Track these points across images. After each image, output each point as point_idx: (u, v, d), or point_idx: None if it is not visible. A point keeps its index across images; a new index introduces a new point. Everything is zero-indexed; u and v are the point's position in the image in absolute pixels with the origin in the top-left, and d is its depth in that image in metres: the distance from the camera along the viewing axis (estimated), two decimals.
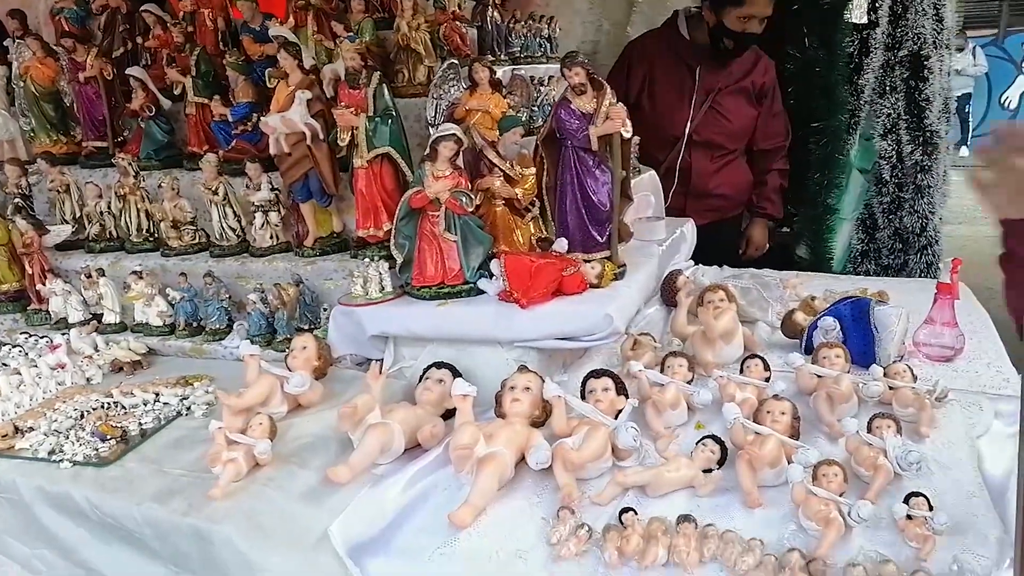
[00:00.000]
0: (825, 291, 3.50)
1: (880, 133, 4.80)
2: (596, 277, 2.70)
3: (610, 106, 2.67)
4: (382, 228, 3.03)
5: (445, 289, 2.78)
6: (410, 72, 3.54)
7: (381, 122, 2.93)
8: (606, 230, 2.80)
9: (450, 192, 2.71)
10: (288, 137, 3.07)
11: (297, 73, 3.09)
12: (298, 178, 3.14)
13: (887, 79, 4.69)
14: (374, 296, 2.83)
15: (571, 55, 2.64)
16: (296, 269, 3.14)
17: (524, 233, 3.01)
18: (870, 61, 4.61)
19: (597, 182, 2.76)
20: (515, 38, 3.80)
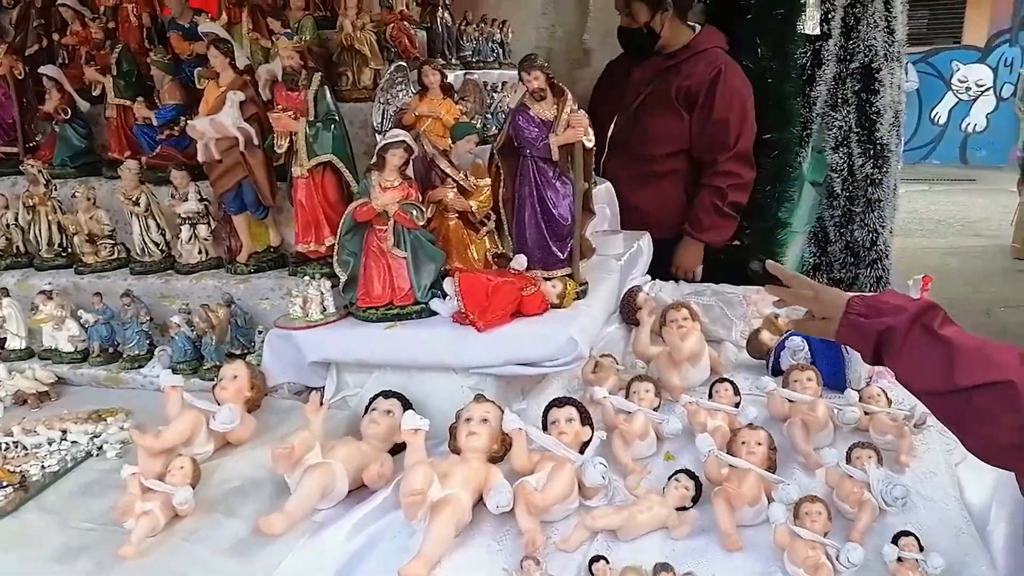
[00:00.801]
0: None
1: (832, 146, 4.77)
2: (558, 297, 2.51)
3: (571, 113, 2.49)
4: (324, 243, 2.78)
5: (394, 310, 2.55)
6: (354, 75, 3.31)
7: (323, 127, 2.69)
8: (567, 246, 2.62)
9: (399, 204, 2.49)
10: (219, 143, 2.80)
11: (229, 72, 2.82)
12: (230, 188, 2.87)
13: (839, 91, 4.67)
14: (315, 318, 2.58)
15: (530, 58, 2.46)
16: (227, 288, 2.86)
17: (479, 249, 2.80)
18: (823, 73, 4.58)
19: (558, 194, 2.58)
20: (467, 41, 3.61)
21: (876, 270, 4.83)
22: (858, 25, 4.56)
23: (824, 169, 4.88)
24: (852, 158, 4.73)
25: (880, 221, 4.78)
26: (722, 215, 3.82)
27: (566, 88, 2.57)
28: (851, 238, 4.86)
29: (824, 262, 4.97)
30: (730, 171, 3.77)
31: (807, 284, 2.02)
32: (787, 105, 4.56)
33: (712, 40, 4.09)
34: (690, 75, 3.78)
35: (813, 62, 4.57)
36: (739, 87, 3.75)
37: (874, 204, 4.78)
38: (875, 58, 4.61)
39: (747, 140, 3.78)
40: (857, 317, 1.77)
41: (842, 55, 4.62)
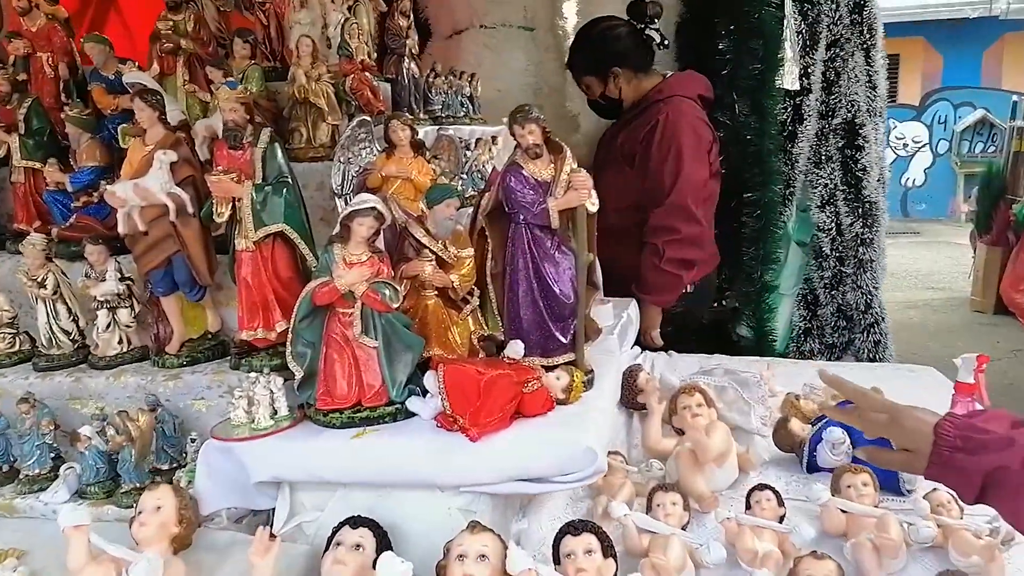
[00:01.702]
0: (805, 386, 3.02)
1: (817, 204, 4.52)
2: (563, 391, 2.08)
3: (572, 173, 2.10)
4: (274, 329, 2.31)
5: (362, 413, 2.08)
6: (309, 131, 2.90)
7: (272, 192, 2.24)
8: (570, 327, 2.20)
9: (368, 283, 2.04)
10: (144, 211, 2.32)
11: (158, 128, 2.36)
12: (158, 264, 2.38)
13: (822, 148, 4.44)
14: (263, 425, 2.08)
15: (524, 110, 2.08)
16: (153, 386, 2.34)
17: (462, 331, 2.36)
18: (804, 129, 4.35)
19: (558, 268, 2.17)
20: (435, 95, 3.23)
21: (874, 334, 4.54)
22: (839, 79, 4.37)
23: (810, 228, 4.62)
24: (840, 217, 4.48)
25: (873, 282, 4.52)
26: (662, 274, 3.46)
27: (564, 145, 2.18)
28: (843, 301, 4.58)
29: (815, 326, 4.66)
30: (664, 225, 3.41)
31: (879, 404, 1.62)
32: (768, 162, 4.31)
33: (675, 88, 3.80)
34: (634, 128, 3.55)
35: (794, 118, 4.34)
36: (676, 134, 3.42)
37: (866, 265, 4.52)
38: (858, 113, 4.41)
39: (684, 191, 3.41)
40: (954, 453, 1.39)
41: (824, 110, 4.41)
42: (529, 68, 4.64)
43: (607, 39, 3.63)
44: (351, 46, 2.92)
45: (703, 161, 3.62)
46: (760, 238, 4.34)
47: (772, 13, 4.14)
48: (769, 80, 4.19)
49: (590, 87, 3.72)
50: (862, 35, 4.40)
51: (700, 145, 3.63)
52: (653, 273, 3.54)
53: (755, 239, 4.34)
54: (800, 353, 4.75)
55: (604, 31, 3.68)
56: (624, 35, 3.63)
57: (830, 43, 4.36)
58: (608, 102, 3.75)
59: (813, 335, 4.71)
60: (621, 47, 3.70)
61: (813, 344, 4.71)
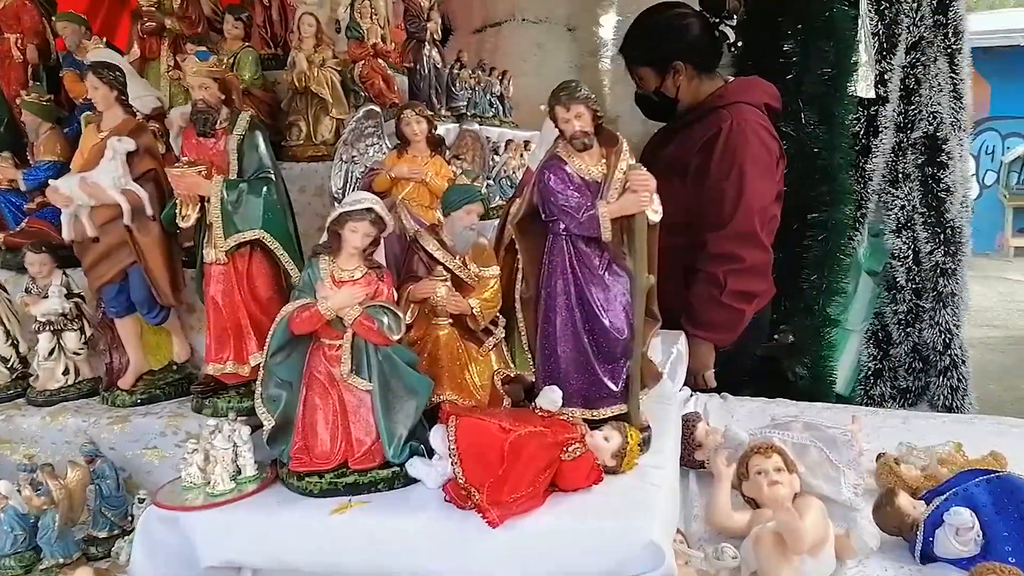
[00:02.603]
0: (901, 445, 2.47)
1: (893, 229, 3.98)
2: (614, 456, 1.57)
3: (629, 171, 1.61)
4: (247, 363, 1.84)
5: (349, 478, 1.60)
6: (310, 126, 2.47)
7: (249, 190, 1.79)
8: (622, 371, 1.70)
9: (363, 308, 1.56)
10: (96, 213, 1.89)
11: (115, 111, 1.93)
12: (111, 278, 1.95)
13: (899, 165, 3.91)
14: (220, 490, 1.61)
15: (569, 87, 1.61)
16: (95, 430, 1.87)
17: (482, 370, 1.88)
18: (879, 143, 3.83)
19: (607, 293, 1.68)
20: (460, 89, 2.76)
21: (950, 379, 3.97)
22: (920, 88, 3.86)
23: (883, 256, 4.07)
24: (917, 243, 3.94)
25: (954, 320, 3.96)
26: (722, 308, 2.93)
27: (619, 135, 1.69)
28: (919, 339, 4.01)
29: (887, 367, 4.10)
30: (726, 253, 2.92)
31: None
32: (837, 180, 3.77)
33: (739, 94, 3.27)
34: (689, 135, 3.08)
35: (867, 130, 3.82)
36: (741, 146, 2.92)
37: (946, 299, 3.96)
38: (941, 126, 3.89)
39: (749, 213, 2.90)
40: None
41: (902, 122, 3.89)
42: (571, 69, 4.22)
43: (675, 28, 3.13)
44: (362, 27, 2.48)
45: (771, 179, 3.10)
46: (824, 265, 3.80)
47: (844, 12, 3.64)
48: (840, 87, 3.68)
49: (644, 79, 3.20)
50: (946, 38, 3.88)
51: (768, 160, 3.10)
52: (711, 307, 2.99)
53: (819, 266, 3.79)
54: (869, 398, 4.18)
55: (674, 18, 3.18)
56: (695, 27, 3.14)
57: (910, 46, 3.85)
58: (661, 100, 3.23)
59: (884, 377, 4.13)
60: (689, 39, 3.20)
61: (884, 388, 4.13)
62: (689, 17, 3.23)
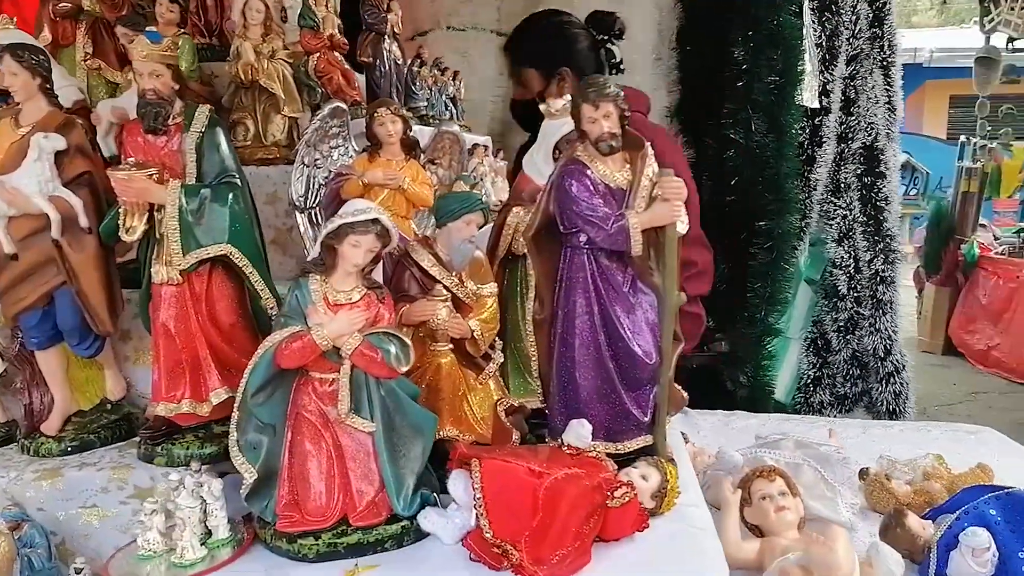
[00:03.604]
0: (881, 458, 2.44)
1: (834, 238, 4.02)
2: (653, 497, 1.40)
3: (659, 177, 1.46)
4: (208, 400, 1.56)
5: (351, 537, 1.36)
6: (258, 125, 2.20)
7: (213, 197, 1.53)
8: (649, 399, 1.54)
9: (363, 336, 1.33)
10: (14, 224, 1.56)
11: (39, 102, 1.61)
12: (33, 303, 1.62)
13: (840, 175, 3.96)
14: (188, 560, 1.33)
15: (598, 82, 1.44)
16: (18, 487, 1.54)
17: (481, 400, 1.68)
18: (823, 153, 3.85)
19: (632, 313, 1.51)
20: (419, 88, 2.54)
21: (893, 385, 4.05)
22: (858, 99, 3.93)
23: (822, 265, 4.12)
24: (858, 252, 4.00)
25: (893, 326, 4.04)
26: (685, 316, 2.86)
27: (644, 138, 1.53)
28: (859, 346, 4.08)
29: (826, 375, 4.15)
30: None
31: None
32: (784, 189, 3.78)
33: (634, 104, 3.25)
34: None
35: (812, 140, 3.84)
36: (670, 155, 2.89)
37: (885, 306, 4.05)
38: (878, 137, 3.99)
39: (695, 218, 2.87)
40: None
41: (843, 132, 3.94)
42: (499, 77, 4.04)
43: (567, 35, 3.00)
44: (316, 15, 2.22)
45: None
46: (769, 275, 3.80)
47: (792, 20, 3.65)
48: (788, 95, 3.69)
49: (527, 83, 3.03)
50: (882, 51, 3.99)
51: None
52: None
53: (764, 275, 3.79)
54: (808, 405, 4.22)
55: (566, 25, 3.05)
56: (584, 39, 3.04)
57: (849, 58, 3.92)
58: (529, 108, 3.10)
59: (823, 385, 4.18)
60: (578, 48, 3.10)
61: (823, 395, 4.19)
62: (578, 28, 3.14)
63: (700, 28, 3.81)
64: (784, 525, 1.87)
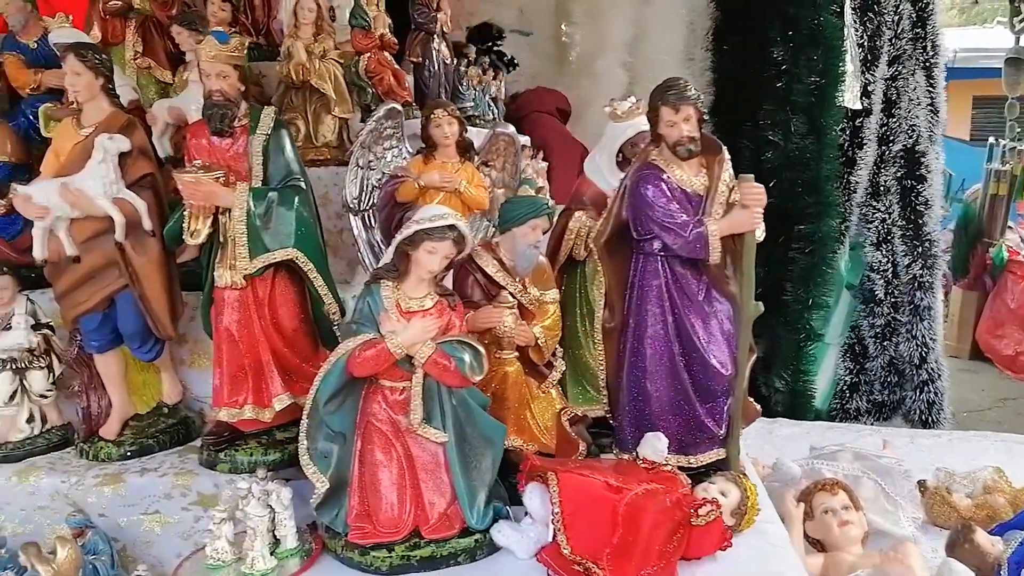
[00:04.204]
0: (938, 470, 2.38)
1: (873, 242, 3.94)
2: (733, 514, 1.36)
3: (738, 182, 1.42)
4: (270, 407, 1.53)
5: (423, 550, 1.32)
6: (309, 126, 2.15)
7: (280, 200, 1.50)
8: (723, 411, 1.49)
9: (436, 344, 1.30)
10: (76, 226, 1.54)
11: (101, 102, 1.59)
12: (94, 306, 1.60)
13: (880, 177, 3.88)
14: (259, 570, 1.30)
15: (678, 84, 1.41)
16: (80, 492, 1.52)
17: (543, 409, 1.65)
18: (864, 155, 3.77)
19: (708, 323, 1.48)
20: (466, 88, 2.51)
21: (927, 393, 3.96)
22: (900, 100, 3.84)
23: (861, 269, 4.03)
24: (896, 256, 3.91)
25: (930, 333, 3.95)
26: None
27: (719, 142, 1.49)
28: (895, 353, 3.99)
29: (862, 382, 4.06)
30: None
31: None
32: (825, 191, 3.71)
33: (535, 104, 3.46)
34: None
35: (852, 142, 3.76)
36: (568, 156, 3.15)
37: (923, 312, 3.96)
38: (919, 139, 3.89)
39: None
40: None
41: (884, 135, 3.85)
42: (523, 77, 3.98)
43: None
44: (368, 15, 2.19)
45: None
46: (810, 278, 3.73)
47: (832, 20, 3.58)
48: (829, 96, 3.61)
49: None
50: (924, 51, 3.89)
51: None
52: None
53: (804, 280, 3.72)
54: (844, 412, 4.14)
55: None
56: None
57: (892, 59, 3.83)
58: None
59: (860, 391, 4.10)
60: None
61: (859, 402, 4.10)
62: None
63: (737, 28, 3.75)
64: (848, 540, 1.83)
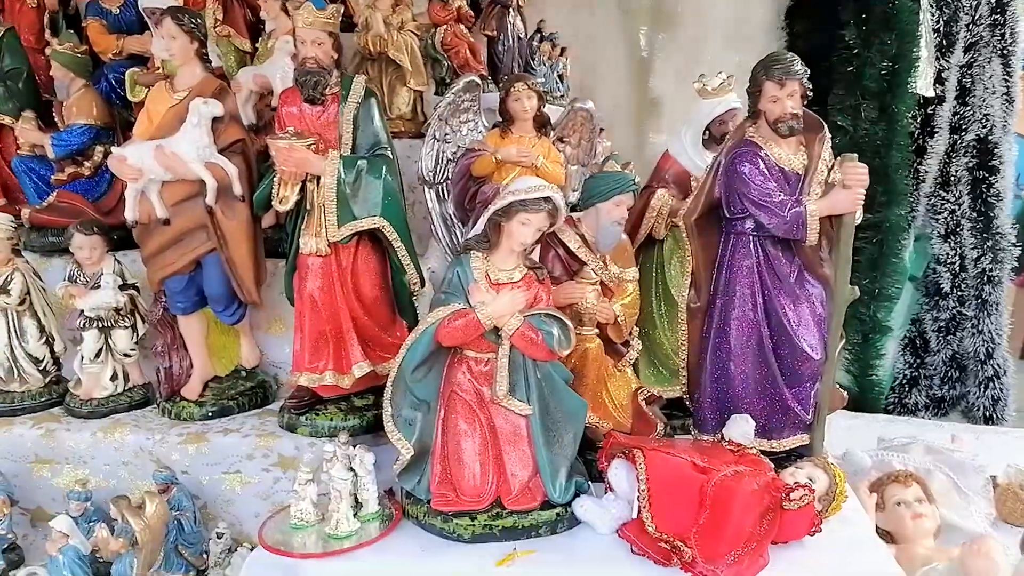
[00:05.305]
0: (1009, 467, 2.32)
1: (940, 234, 3.81)
2: (820, 500, 1.33)
3: (842, 163, 1.38)
4: (350, 373, 1.54)
5: (505, 520, 1.33)
6: (384, 97, 2.14)
7: (369, 169, 1.50)
8: (810, 396, 1.46)
9: (525, 317, 1.29)
10: (168, 189, 1.55)
11: (195, 67, 1.60)
12: (181, 269, 1.63)
13: (951, 168, 3.75)
14: (343, 532, 1.31)
15: (783, 59, 1.38)
16: (164, 449, 1.56)
17: (619, 387, 1.64)
18: (935, 144, 3.64)
19: (798, 305, 1.45)
20: (538, 64, 2.48)
21: (992, 390, 3.84)
22: (974, 88, 3.70)
23: (925, 261, 3.92)
24: (964, 249, 3.79)
25: (997, 329, 3.83)
26: None
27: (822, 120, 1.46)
28: (958, 348, 3.87)
29: (923, 376, 3.95)
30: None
31: None
32: (894, 180, 3.61)
33: None
34: None
35: (923, 130, 3.64)
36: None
37: (990, 307, 3.83)
38: (993, 129, 3.74)
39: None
40: None
41: (956, 123, 3.72)
42: None
43: None
44: None
45: None
46: (876, 268, 3.65)
47: (907, 5, 3.46)
48: (901, 82, 3.51)
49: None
50: (1003, 38, 3.74)
51: None
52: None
53: (870, 269, 3.64)
54: (903, 406, 4.04)
55: None
56: None
57: (967, 45, 3.70)
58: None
59: (920, 386, 4.00)
60: None
61: (919, 397, 4.00)
62: None
63: (809, 9, 3.67)
64: (921, 532, 1.79)
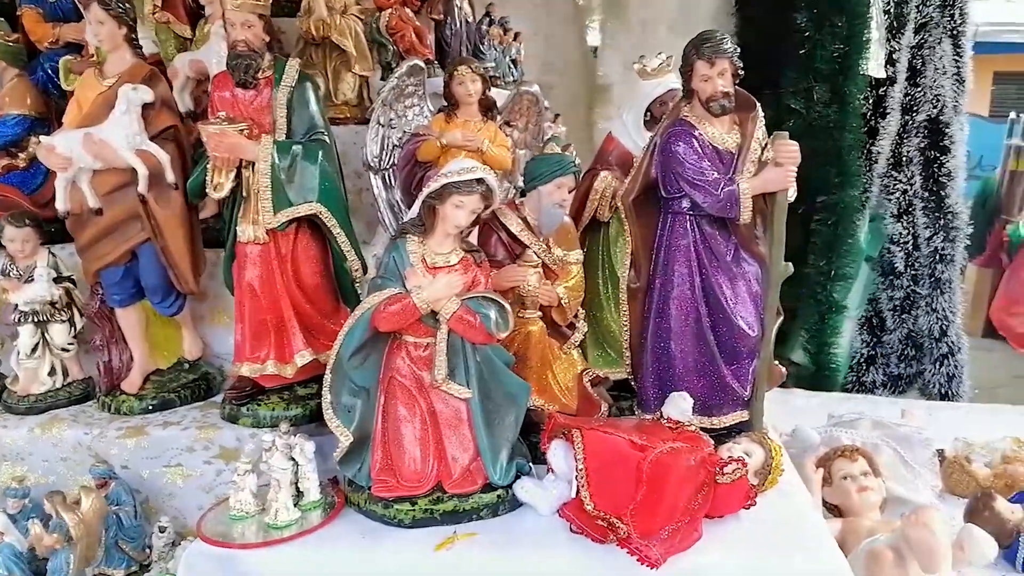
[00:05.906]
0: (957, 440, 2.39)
1: (893, 213, 3.89)
2: (756, 474, 1.35)
3: (774, 140, 1.39)
4: (291, 363, 1.53)
5: (446, 503, 1.33)
6: (329, 83, 2.12)
7: (304, 154, 1.47)
8: (748, 373, 1.49)
9: (462, 301, 1.28)
10: (99, 178, 1.52)
11: (125, 53, 1.57)
12: (116, 260, 1.59)
13: (903, 148, 3.82)
14: (283, 521, 1.30)
15: (714, 37, 1.37)
16: (102, 444, 1.53)
17: (565, 370, 1.64)
18: (886, 125, 3.70)
19: (735, 284, 1.46)
20: (487, 48, 2.47)
21: (946, 367, 3.93)
22: (925, 69, 3.76)
23: (880, 241, 3.99)
24: (917, 228, 3.87)
25: (950, 307, 3.92)
26: None
27: (754, 99, 1.46)
28: (914, 326, 3.96)
29: (879, 354, 4.04)
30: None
31: None
32: (847, 161, 3.67)
33: None
34: None
35: (875, 111, 3.69)
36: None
37: (943, 285, 3.92)
38: (944, 110, 3.82)
39: None
40: None
41: (907, 104, 3.78)
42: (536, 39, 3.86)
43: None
44: None
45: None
46: (832, 249, 3.70)
47: None
48: (853, 64, 3.55)
49: None
50: (952, 19, 3.81)
51: None
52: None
53: (826, 250, 3.70)
54: (860, 384, 4.12)
55: None
56: None
57: (918, 26, 3.75)
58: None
59: (877, 364, 4.08)
60: None
61: (876, 375, 4.08)
62: None
63: None
64: (867, 506, 1.82)
